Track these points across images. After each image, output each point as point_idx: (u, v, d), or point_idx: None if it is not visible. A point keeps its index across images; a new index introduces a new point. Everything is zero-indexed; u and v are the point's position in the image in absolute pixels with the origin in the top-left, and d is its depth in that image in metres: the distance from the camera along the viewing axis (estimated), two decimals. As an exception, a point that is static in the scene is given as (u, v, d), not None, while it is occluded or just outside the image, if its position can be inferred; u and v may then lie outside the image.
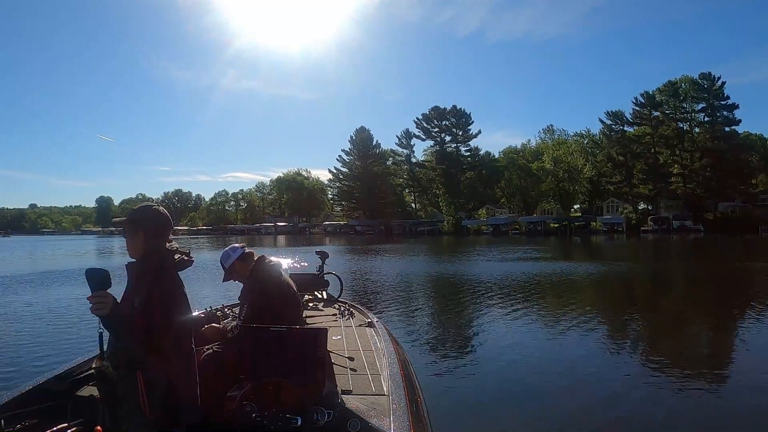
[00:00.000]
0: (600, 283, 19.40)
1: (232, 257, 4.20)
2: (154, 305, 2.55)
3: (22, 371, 7.49)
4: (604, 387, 6.88)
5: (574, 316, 11.62)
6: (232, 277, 4.25)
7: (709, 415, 5.93)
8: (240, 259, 4.20)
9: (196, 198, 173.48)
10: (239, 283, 4.26)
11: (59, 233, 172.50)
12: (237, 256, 4.20)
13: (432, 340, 9.87)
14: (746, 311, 12.11)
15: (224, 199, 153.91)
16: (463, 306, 13.90)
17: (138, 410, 2.47)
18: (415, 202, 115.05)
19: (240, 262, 4.20)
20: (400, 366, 3.97)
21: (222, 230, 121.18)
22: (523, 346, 9.07)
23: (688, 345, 9.65)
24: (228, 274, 4.24)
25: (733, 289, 17.03)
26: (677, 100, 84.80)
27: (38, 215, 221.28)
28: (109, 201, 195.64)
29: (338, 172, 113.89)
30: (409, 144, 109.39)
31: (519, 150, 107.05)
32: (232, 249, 4.26)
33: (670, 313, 12.89)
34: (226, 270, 4.23)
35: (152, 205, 2.87)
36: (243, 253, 4.22)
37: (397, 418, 2.92)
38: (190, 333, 2.79)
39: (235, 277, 4.24)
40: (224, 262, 4.23)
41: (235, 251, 4.23)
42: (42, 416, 3.07)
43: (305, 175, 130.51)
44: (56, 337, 10.08)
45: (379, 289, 17.10)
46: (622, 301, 15.27)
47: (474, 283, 18.13)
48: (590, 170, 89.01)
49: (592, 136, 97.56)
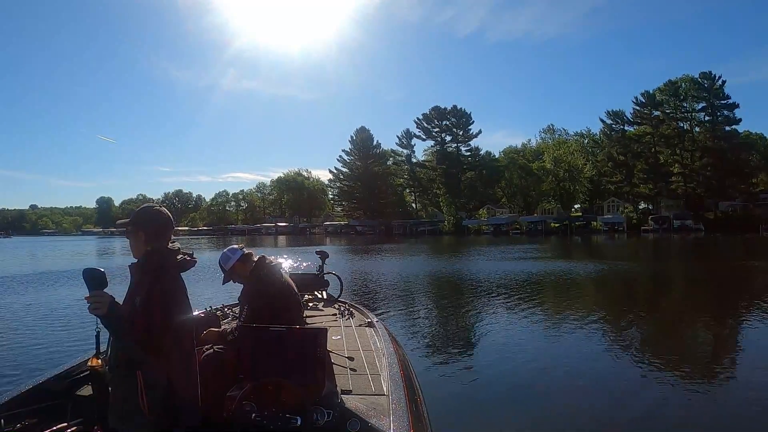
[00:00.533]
0: (601, 283, 19.39)
1: (232, 259, 4.17)
2: (154, 305, 2.55)
3: (22, 371, 7.48)
4: (605, 387, 6.88)
5: (575, 316, 11.62)
6: (232, 278, 4.22)
7: (711, 415, 5.92)
8: (240, 260, 4.18)
9: (197, 198, 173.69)
10: (239, 283, 4.25)
11: (60, 234, 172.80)
12: (237, 258, 4.17)
13: (432, 340, 9.88)
14: (747, 311, 12.10)
15: (225, 199, 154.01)
16: (463, 306, 13.89)
17: (138, 410, 2.47)
18: (415, 202, 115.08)
19: (240, 264, 4.18)
20: (400, 366, 3.96)
21: (222, 231, 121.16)
22: (523, 346, 9.06)
23: (689, 345, 9.64)
24: (228, 275, 4.20)
25: (733, 289, 17.02)
26: (678, 100, 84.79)
27: (39, 216, 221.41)
28: (110, 201, 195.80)
29: (339, 172, 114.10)
30: (409, 144, 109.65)
31: (519, 150, 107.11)
32: (231, 251, 4.21)
33: (670, 313, 12.88)
34: (225, 272, 4.19)
35: (153, 206, 2.88)
36: (243, 254, 4.20)
37: (397, 418, 2.92)
38: (190, 333, 2.79)
39: (236, 278, 4.21)
40: (224, 264, 4.18)
41: (235, 253, 4.19)
42: (42, 416, 3.07)
43: (306, 175, 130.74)
44: (56, 337, 10.08)
45: (379, 289, 17.10)
46: (622, 301, 15.25)
47: (474, 283, 18.13)
48: (591, 170, 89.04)
49: (592, 136, 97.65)
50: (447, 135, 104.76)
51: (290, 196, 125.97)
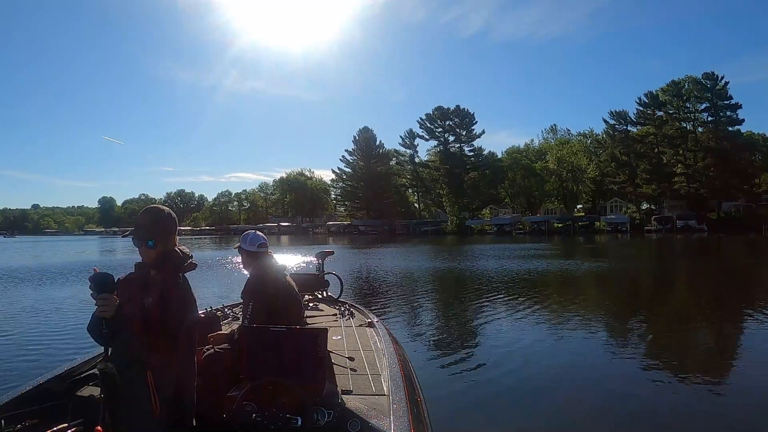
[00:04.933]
0: (604, 283, 19.36)
1: (246, 246, 4.15)
2: (171, 306, 2.58)
3: (22, 371, 7.49)
4: (606, 387, 6.85)
5: (577, 316, 11.59)
6: (243, 258, 4.21)
7: (714, 415, 5.89)
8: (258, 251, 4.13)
9: (199, 198, 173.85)
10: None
11: (62, 234, 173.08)
12: (250, 249, 4.13)
13: (432, 340, 9.86)
14: (750, 310, 12.04)
15: (227, 199, 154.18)
16: (464, 306, 13.87)
17: (149, 411, 2.48)
18: (418, 202, 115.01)
19: (255, 255, 4.13)
20: (400, 366, 3.96)
21: (225, 230, 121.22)
22: (524, 346, 9.04)
23: (691, 345, 9.60)
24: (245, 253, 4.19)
25: (736, 289, 16.96)
26: (681, 100, 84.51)
27: (41, 216, 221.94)
28: (112, 201, 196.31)
29: (342, 172, 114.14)
30: (412, 144, 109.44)
31: (522, 150, 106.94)
32: (255, 236, 4.18)
33: (673, 313, 12.82)
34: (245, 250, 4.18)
35: (157, 207, 2.89)
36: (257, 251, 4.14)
37: (397, 418, 2.92)
38: (197, 334, 2.83)
39: (245, 263, 4.21)
40: (242, 243, 4.18)
41: (257, 240, 4.15)
42: (42, 416, 3.07)
43: (308, 175, 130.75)
44: (56, 337, 10.09)
45: (380, 289, 17.10)
46: (625, 301, 15.21)
47: (476, 283, 18.11)
48: (594, 170, 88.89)
49: (595, 136, 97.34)
50: (450, 135, 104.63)
51: (293, 196, 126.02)
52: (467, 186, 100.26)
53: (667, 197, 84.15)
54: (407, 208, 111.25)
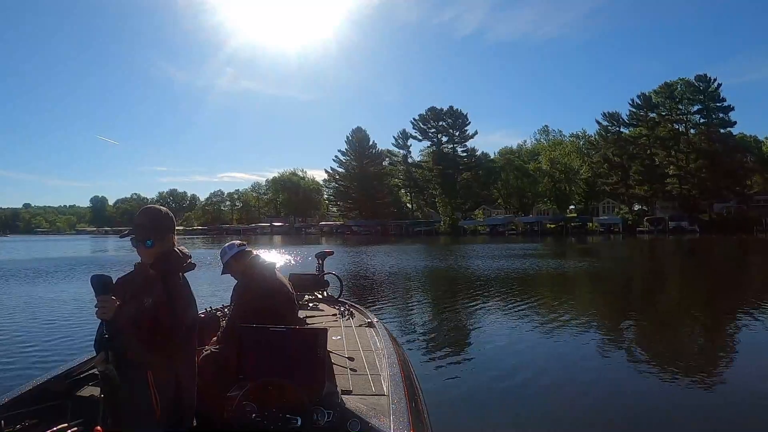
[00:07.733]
0: (598, 283, 19.45)
1: (227, 255, 4.25)
2: (172, 306, 2.58)
3: (22, 371, 7.44)
4: (604, 387, 6.89)
5: (574, 317, 11.64)
6: (229, 272, 4.28)
7: (707, 414, 5.94)
8: (234, 257, 4.22)
9: (192, 198, 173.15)
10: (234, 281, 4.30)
11: (53, 233, 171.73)
12: (232, 254, 4.23)
13: (432, 340, 9.87)
14: (742, 310, 12.13)
15: (220, 199, 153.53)
16: (463, 306, 13.88)
17: (150, 411, 2.48)
18: (411, 203, 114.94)
19: (234, 261, 4.21)
20: (400, 366, 3.97)
21: (217, 230, 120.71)
22: (523, 346, 9.08)
23: (684, 344, 9.66)
24: (225, 269, 4.30)
25: (728, 289, 17.07)
26: (673, 102, 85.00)
27: (32, 215, 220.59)
28: (104, 201, 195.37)
29: (334, 172, 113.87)
30: (405, 144, 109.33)
31: (515, 150, 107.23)
32: (230, 246, 4.31)
33: (666, 313, 12.91)
34: (223, 265, 4.29)
35: (155, 207, 2.89)
36: (238, 252, 4.23)
37: (397, 418, 2.92)
38: (197, 334, 2.83)
39: (231, 273, 4.27)
40: (221, 257, 4.29)
41: (232, 249, 4.27)
42: (42, 416, 3.06)
43: (301, 175, 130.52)
44: (56, 337, 10.03)
45: (379, 289, 17.10)
46: (620, 301, 15.29)
47: (474, 283, 18.14)
48: (586, 171, 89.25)
49: (588, 137, 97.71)
50: (443, 136, 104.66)
51: (285, 196, 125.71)
52: (460, 186, 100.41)
53: (659, 198, 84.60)
54: (400, 209, 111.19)
